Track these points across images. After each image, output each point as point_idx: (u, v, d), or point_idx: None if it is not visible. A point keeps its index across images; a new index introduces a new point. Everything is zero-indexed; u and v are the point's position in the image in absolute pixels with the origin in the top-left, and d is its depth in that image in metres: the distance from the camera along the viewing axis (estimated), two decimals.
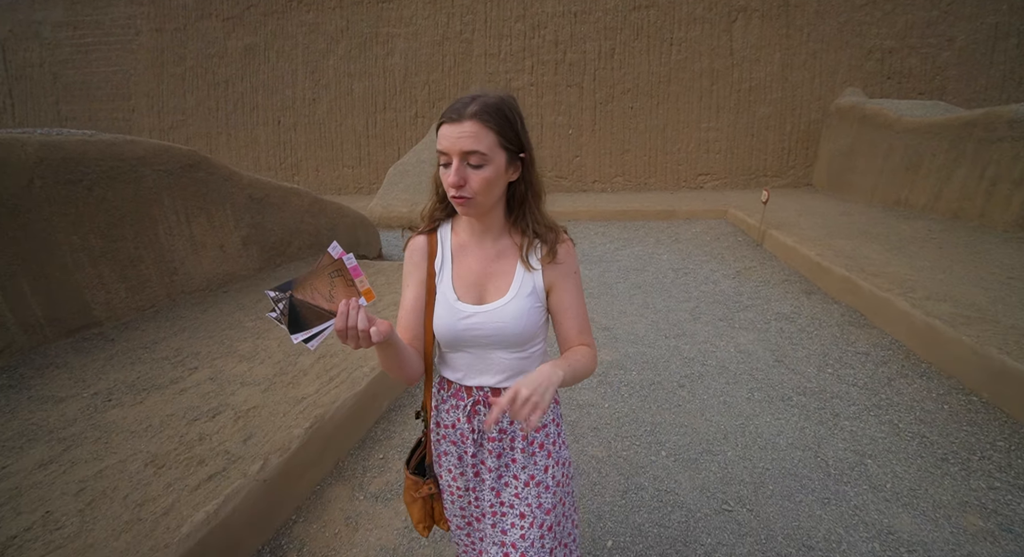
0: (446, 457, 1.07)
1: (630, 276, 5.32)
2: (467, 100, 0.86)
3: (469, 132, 0.83)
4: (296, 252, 4.73)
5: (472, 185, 0.86)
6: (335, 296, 0.76)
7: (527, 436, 1.02)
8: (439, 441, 1.08)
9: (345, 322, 0.73)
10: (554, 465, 1.04)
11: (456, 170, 0.85)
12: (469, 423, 1.02)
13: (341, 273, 0.77)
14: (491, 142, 0.85)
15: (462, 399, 1.02)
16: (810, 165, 9.37)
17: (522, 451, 1.02)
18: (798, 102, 9.21)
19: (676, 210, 8.23)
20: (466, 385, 1.01)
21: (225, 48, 11.56)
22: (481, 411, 1.01)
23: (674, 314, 4.12)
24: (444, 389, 1.06)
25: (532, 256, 0.97)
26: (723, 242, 6.62)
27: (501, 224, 0.98)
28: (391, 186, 8.83)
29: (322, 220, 5.12)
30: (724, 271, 5.29)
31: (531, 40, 10.23)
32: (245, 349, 2.82)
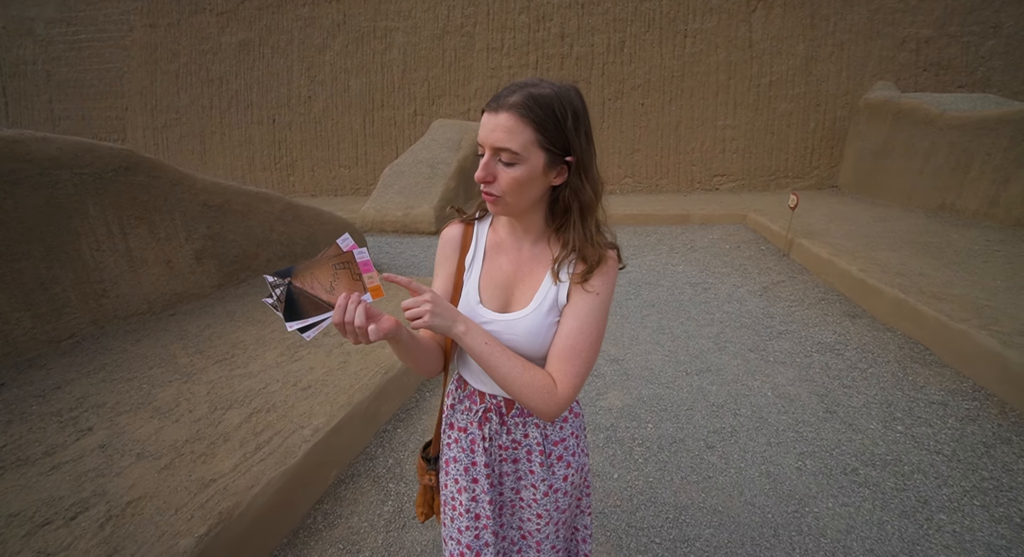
0: (454, 464, 1.00)
1: (642, 292, 4.69)
2: (515, 87, 0.77)
3: (504, 125, 0.75)
4: (264, 265, 4.16)
5: (500, 183, 0.78)
6: (336, 288, 0.73)
7: (544, 449, 0.96)
8: (449, 445, 1.01)
9: (343, 316, 0.70)
10: (573, 473, 1.00)
11: (484, 164, 0.78)
12: (480, 430, 0.96)
13: (347, 266, 0.73)
14: (527, 139, 0.76)
15: (475, 403, 0.97)
16: (835, 165, 8.64)
17: (540, 464, 0.97)
18: (823, 97, 8.49)
19: (690, 214, 7.57)
20: (479, 390, 0.96)
21: (219, 44, 11.07)
22: (492, 419, 0.95)
23: (695, 342, 3.49)
24: (461, 389, 1.00)
25: (564, 270, 0.87)
26: (744, 251, 5.95)
27: (541, 229, 0.90)
28: (385, 188, 8.25)
29: (297, 228, 4.55)
30: (749, 287, 4.64)
31: (535, 33, 9.60)
32: (165, 398, 2.25)
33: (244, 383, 2.39)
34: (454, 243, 0.95)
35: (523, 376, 0.80)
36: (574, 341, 0.83)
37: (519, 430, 0.95)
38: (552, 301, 0.86)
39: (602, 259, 0.84)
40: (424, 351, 0.87)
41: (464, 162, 8.58)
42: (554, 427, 0.97)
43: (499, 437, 0.96)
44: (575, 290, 0.85)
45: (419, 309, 0.74)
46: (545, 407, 0.81)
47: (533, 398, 0.80)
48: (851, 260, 4.32)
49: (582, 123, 0.80)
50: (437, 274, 0.96)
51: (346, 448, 2.16)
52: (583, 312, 0.84)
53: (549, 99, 0.76)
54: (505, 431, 0.95)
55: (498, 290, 0.90)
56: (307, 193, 11.19)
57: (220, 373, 2.49)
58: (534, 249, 0.90)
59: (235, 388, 2.34)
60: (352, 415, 2.22)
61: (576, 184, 0.82)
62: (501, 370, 0.79)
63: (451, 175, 8.20)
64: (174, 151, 11.65)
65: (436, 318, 0.75)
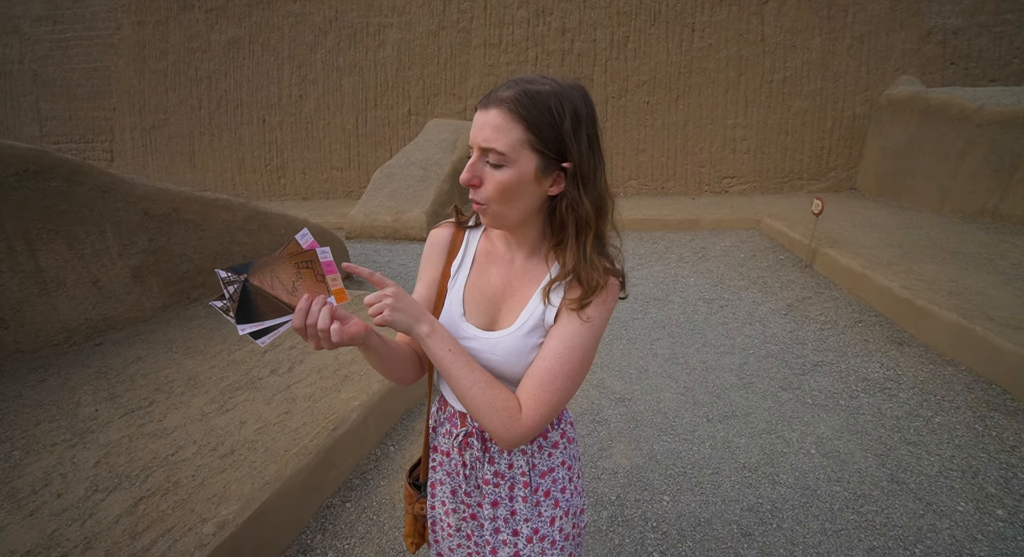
0: (440, 487, 0.90)
1: (650, 309, 4.13)
2: (511, 83, 0.69)
3: (492, 123, 0.67)
4: None
5: (486, 187, 0.69)
6: (299, 289, 0.65)
7: (530, 482, 0.84)
8: (435, 468, 0.92)
9: (304, 320, 0.63)
10: (562, 516, 0.87)
11: (470, 166, 0.70)
12: (460, 456, 0.86)
13: (310, 265, 0.65)
14: (516, 139, 0.67)
15: (456, 426, 0.86)
16: (854, 166, 8.05)
17: (523, 499, 0.85)
18: (840, 94, 7.91)
19: (700, 219, 7.01)
20: (459, 411, 0.85)
21: (208, 42, 10.58)
22: (474, 445, 0.84)
23: (715, 375, 2.93)
24: (441, 410, 0.91)
25: (556, 292, 0.76)
26: (761, 260, 5.39)
27: (537, 242, 0.79)
28: (375, 192, 7.73)
29: (264, 238, 4.03)
30: (771, 304, 4.08)
31: (535, 28, 9.06)
32: (33, 474, 1.72)
33: (150, 446, 1.87)
34: (441, 246, 0.87)
35: (485, 393, 0.70)
36: (551, 364, 0.73)
37: (503, 460, 0.85)
38: (537, 320, 0.77)
39: (600, 286, 0.73)
40: (397, 358, 0.79)
41: (459, 164, 8.05)
42: (542, 454, 0.87)
43: (480, 468, 0.85)
44: (566, 311, 0.75)
45: (380, 304, 0.66)
46: (504, 432, 0.71)
47: (492, 419, 0.70)
48: (890, 274, 3.75)
49: (583, 126, 0.70)
50: (420, 277, 0.87)
51: (268, 544, 1.63)
52: (568, 336, 0.74)
53: (545, 96, 0.68)
54: (487, 460, 0.85)
55: (484, 304, 0.81)
56: (298, 196, 10.69)
57: (125, 430, 1.97)
58: (527, 263, 0.81)
59: (135, 454, 1.81)
60: (282, 495, 1.69)
61: (573, 196, 0.71)
62: (462, 382, 0.70)
63: (444, 178, 7.67)
64: (162, 153, 11.19)
65: (397, 314, 0.67)
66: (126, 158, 11.42)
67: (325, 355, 2.68)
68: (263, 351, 2.72)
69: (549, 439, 0.87)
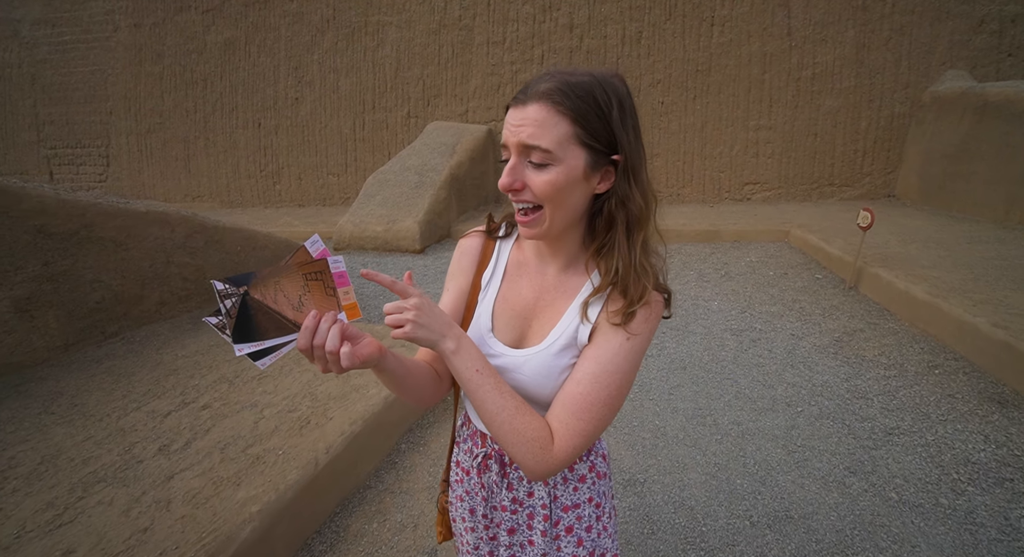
0: (460, 504, 0.86)
1: (667, 343, 3.41)
2: (547, 75, 0.63)
3: (533, 118, 0.60)
4: (154, 310, 3.01)
5: (534, 189, 0.62)
6: (306, 304, 0.57)
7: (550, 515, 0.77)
8: (456, 484, 0.87)
9: (311, 340, 0.56)
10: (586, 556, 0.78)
11: (511, 168, 0.63)
12: (479, 477, 0.80)
13: (320, 277, 0.57)
14: (563, 134, 0.60)
15: (477, 445, 0.82)
16: (892, 171, 7.21)
17: (542, 533, 0.77)
18: (877, 92, 7.09)
19: (720, 230, 6.25)
20: (480, 430, 0.80)
21: (204, 43, 10.13)
22: (492, 468, 0.79)
23: (754, 445, 2.21)
24: (465, 426, 0.86)
25: (595, 306, 0.68)
26: (794, 280, 4.62)
27: (574, 252, 0.72)
28: (367, 200, 7.12)
29: (213, 257, 3.41)
30: (815, 338, 3.33)
31: (541, 24, 8.40)
32: None
33: None
34: (472, 255, 0.80)
35: (514, 420, 0.63)
36: (588, 390, 0.64)
37: (522, 487, 0.78)
38: (569, 339, 0.69)
39: (646, 298, 0.65)
40: (415, 379, 0.70)
41: (458, 169, 7.41)
42: (567, 487, 0.78)
43: (498, 493, 0.79)
44: (604, 329, 0.67)
45: (401, 317, 0.59)
46: (534, 464, 0.63)
47: (521, 449, 0.62)
48: (968, 305, 2.98)
49: (629, 115, 0.64)
50: (447, 288, 0.80)
51: None
52: (607, 357, 0.65)
53: (589, 85, 0.61)
54: (505, 486, 0.78)
55: (514, 320, 0.75)
56: (294, 203, 10.16)
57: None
58: (561, 276, 0.74)
59: None
60: None
61: (624, 190, 0.65)
62: (489, 406, 0.62)
63: (441, 184, 7.03)
64: (158, 158, 10.76)
65: (420, 330, 0.60)
66: (121, 163, 11.03)
67: (243, 421, 2.02)
68: (164, 414, 2.08)
69: (576, 472, 0.80)
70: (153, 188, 10.92)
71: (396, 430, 2.32)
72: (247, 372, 2.47)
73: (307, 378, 2.41)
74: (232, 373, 2.46)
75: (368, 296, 4.60)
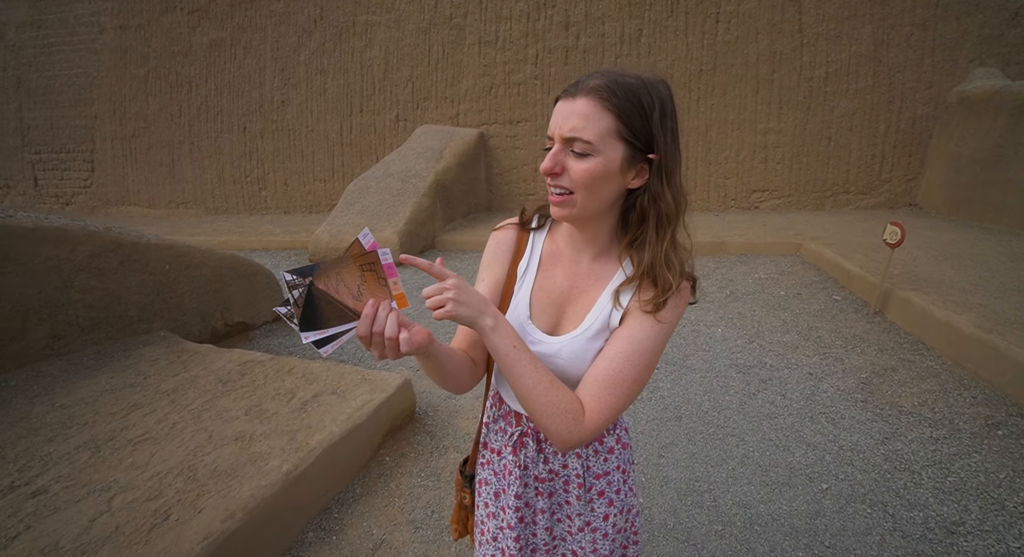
0: (485, 487, 0.91)
1: (660, 384, 2.87)
2: (597, 73, 0.68)
3: (580, 111, 0.66)
4: (42, 346, 2.52)
5: (572, 175, 0.68)
6: (364, 293, 0.61)
7: (584, 482, 0.84)
8: (483, 465, 0.92)
9: (370, 327, 0.60)
10: (616, 514, 0.86)
11: (553, 154, 0.68)
12: (515, 456, 0.84)
13: (373, 268, 0.61)
14: (605, 128, 0.66)
15: (510, 425, 0.86)
16: (914, 178, 6.62)
17: (577, 498, 0.85)
18: (897, 92, 6.51)
19: (726, 242, 5.69)
20: (515, 410, 0.85)
21: (190, 45, 9.76)
22: (528, 445, 0.84)
23: (765, 541, 1.65)
24: (496, 407, 0.90)
25: (626, 293, 0.74)
26: (809, 301, 4.06)
27: (607, 241, 0.77)
28: (346, 208, 6.64)
29: (132, 278, 2.91)
30: (838, 379, 2.76)
31: (535, 22, 7.91)
32: None
33: None
34: (508, 245, 0.83)
35: (549, 393, 0.68)
36: (618, 368, 0.70)
37: (557, 460, 0.84)
38: (603, 324, 0.74)
39: (676, 284, 0.70)
40: (455, 365, 0.76)
41: (444, 175, 6.92)
42: (597, 458, 0.86)
43: (535, 466, 0.84)
44: (632, 313, 0.72)
45: (441, 297, 0.63)
46: (567, 434, 0.68)
47: (554, 421, 0.67)
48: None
49: (669, 120, 0.69)
50: (482, 278, 0.83)
51: None
52: (638, 338, 0.71)
53: (636, 87, 0.67)
54: (542, 460, 0.84)
55: (550, 307, 0.79)
56: (279, 210, 9.72)
57: None
58: (593, 264, 0.78)
59: None
60: None
61: (656, 188, 0.70)
62: (525, 380, 0.67)
63: (424, 191, 6.53)
64: (142, 162, 10.38)
65: (461, 308, 0.64)
66: (107, 168, 10.66)
67: (76, 519, 1.50)
68: None
69: (605, 444, 0.86)
70: (137, 194, 10.55)
71: (300, 517, 1.79)
72: (125, 433, 1.96)
73: (196, 443, 1.89)
74: (107, 433, 1.95)
75: None
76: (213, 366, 2.60)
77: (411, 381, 2.63)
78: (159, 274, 3.09)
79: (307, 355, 3.44)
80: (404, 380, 2.50)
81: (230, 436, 1.91)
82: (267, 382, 2.43)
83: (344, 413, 2.16)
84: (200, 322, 3.36)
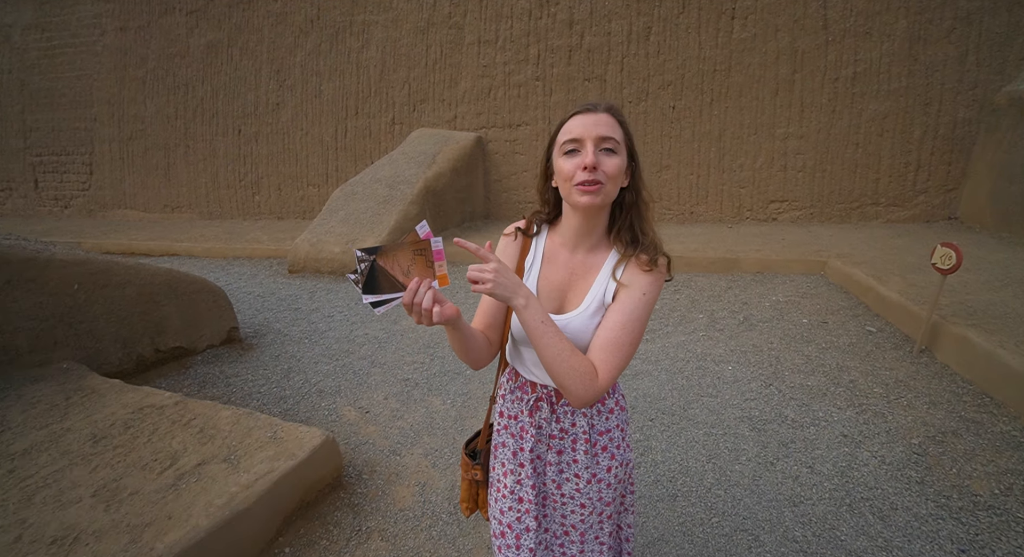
0: (502, 449, 1.04)
1: (654, 442, 2.28)
2: (595, 101, 0.89)
3: (605, 121, 0.86)
4: None
5: (605, 169, 0.85)
6: (412, 271, 0.78)
7: (590, 438, 0.99)
8: (499, 431, 1.06)
9: (412, 298, 0.77)
10: (618, 466, 1.01)
11: (592, 152, 0.84)
12: (531, 417, 1.00)
13: (424, 253, 0.78)
14: (620, 136, 0.87)
15: (526, 393, 1.01)
16: (953, 188, 5.90)
17: (585, 452, 0.98)
18: (935, 93, 5.82)
19: (740, 258, 5.05)
20: (531, 381, 1.00)
21: (187, 46, 9.49)
22: (543, 408, 0.99)
23: None
24: (512, 379, 1.04)
25: (620, 269, 0.91)
26: (836, 332, 3.42)
27: (602, 231, 0.95)
28: (329, 215, 6.18)
29: (23, 301, 2.44)
30: (882, 445, 2.13)
31: (538, 20, 7.39)
32: None
33: None
34: (516, 246, 1.00)
35: (570, 359, 0.82)
36: (617, 335, 0.86)
37: (567, 419, 0.98)
38: (599, 303, 0.90)
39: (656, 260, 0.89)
40: (476, 341, 0.92)
41: (435, 182, 6.41)
42: (600, 417, 1.00)
43: (549, 425, 0.99)
44: (622, 290, 0.89)
45: (483, 274, 0.79)
46: (584, 392, 0.83)
47: (575, 382, 0.82)
48: None
49: None
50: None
51: None
52: (629, 309, 0.87)
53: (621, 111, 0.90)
54: (555, 419, 0.98)
55: (554, 293, 0.95)
56: (273, 215, 9.34)
57: None
58: (588, 256, 0.94)
59: None
60: None
61: (637, 185, 0.92)
62: (551, 349, 0.81)
63: (412, 198, 6.03)
64: (139, 166, 10.13)
65: (499, 287, 0.79)
66: (104, 172, 10.44)
67: None
68: None
69: (607, 405, 1.01)
70: (134, 198, 10.29)
71: None
72: None
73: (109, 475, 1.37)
74: None
75: None
76: (99, 414, 2.09)
77: (336, 440, 2.09)
78: (64, 295, 2.61)
79: (234, 397, 2.94)
80: (324, 440, 1.97)
81: (47, 537, 1.39)
82: (151, 440, 1.92)
83: (227, 493, 1.63)
84: (121, 350, 2.88)
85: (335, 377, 3.18)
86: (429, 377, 3.12)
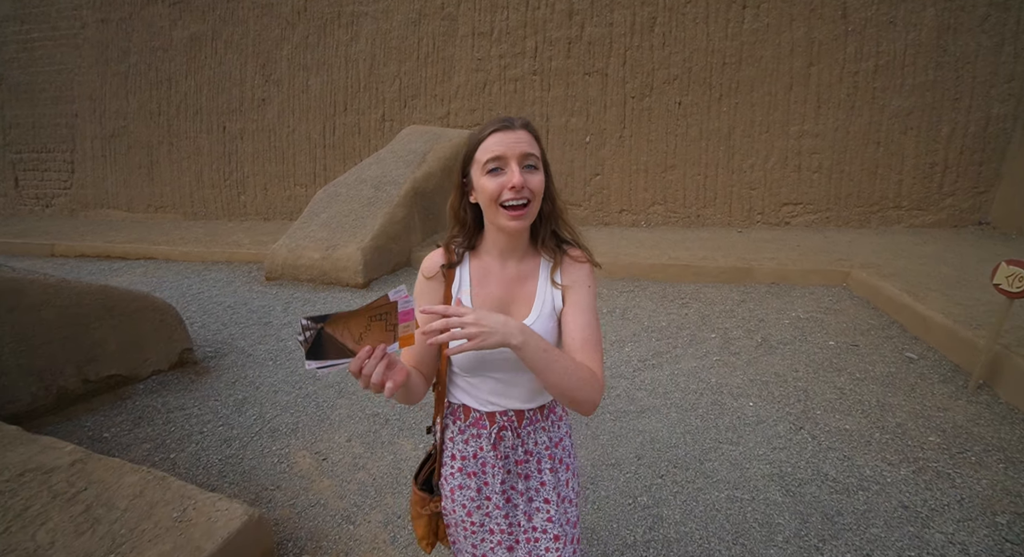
0: (461, 491, 0.98)
1: (665, 510, 1.80)
2: (509, 117, 0.88)
3: (525, 139, 0.85)
4: None
5: (531, 186, 0.85)
6: (364, 339, 0.73)
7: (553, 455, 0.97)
8: (453, 475, 0.98)
9: (359, 367, 0.72)
10: (571, 477, 1.02)
11: (519, 171, 0.83)
12: (495, 450, 0.95)
13: (385, 317, 0.73)
14: (538, 151, 0.87)
15: (484, 427, 0.95)
16: (985, 191, 5.42)
17: (550, 470, 0.97)
18: (966, 87, 5.33)
19: (753, 268, 4.59)
20: (488, 411, 0.95)
21: (170, 39, 9.01)
22: (507, 437, 0.95)
23: None
24: (460, 419, 0.97)
25: (557, 274, 0.92)
26: (871, 359, 2.95)
27: (527, 241, 0.94)
28: (310, 218, 5.72)
29: None
30: (957, 526, 1.65)
31: (535, 11, 6.91)
32: None
33: None
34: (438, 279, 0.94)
35: (578, 372, 0.80)
36: (590, 334, 0.87)
37: (531, 439, 0.96)
38: (551, 306, 0.90)
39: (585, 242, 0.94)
40: (416, 383, 0.89)
41: (424, 182, 5.95)
42: (554, 428, 0.99)
43: (515, 452, 0.95)
44: (568, 291, 0.90)
45: (466, 331, 0.71)
46: (596, 395, 0.82)
47: (586, 390, 0.80)
48: None
49: None
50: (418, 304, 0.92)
51: None
52: (585, 306, 0.88)
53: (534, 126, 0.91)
54: (520, 443, 0.96)
55: (495, 309, 0.90)
56: (259, 216, 8.89)
57: None
58: (520, 266, 0.93)
59: None
60: None
61: (552, 195, 0.91)
62: (558, 369, 0.78)
63: (399, 201, 5.57)
64: (121, 164, 9.67)
65: (491, 337, 0.72)
66: (86, 170, 9.99)
67: None
68: None
69: (556, 413, 1.00)
70: (117, 197, 9.84)
71: None
72: None
73: None
74: None
75: None
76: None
77: (266, 517, 1.64)
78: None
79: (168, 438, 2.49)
80: (245, 522, 1.52)
81: None
82: (11, 528, 1.46)
83: None
84: (36, 383, 2.44)
85: (294, 411, 2.74)
86: (401, 412, 2.67)
